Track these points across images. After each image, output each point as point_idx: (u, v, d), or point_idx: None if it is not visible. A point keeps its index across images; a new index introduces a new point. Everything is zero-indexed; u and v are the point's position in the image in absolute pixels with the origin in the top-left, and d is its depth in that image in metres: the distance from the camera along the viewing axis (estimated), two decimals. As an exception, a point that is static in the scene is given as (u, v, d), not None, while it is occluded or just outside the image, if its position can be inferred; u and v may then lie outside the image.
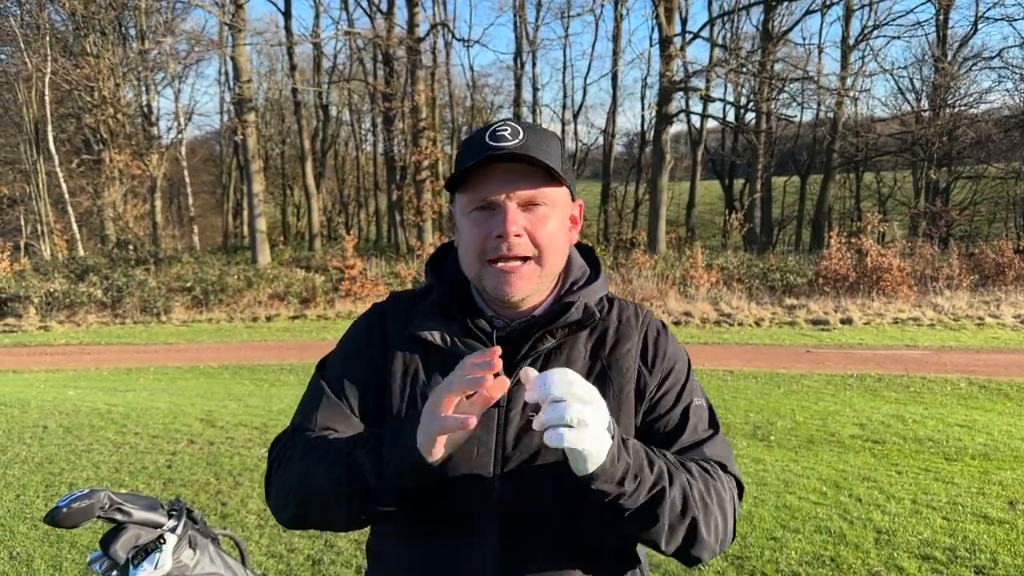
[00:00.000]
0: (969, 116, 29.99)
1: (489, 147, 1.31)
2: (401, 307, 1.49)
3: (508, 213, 1.30)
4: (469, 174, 1.33)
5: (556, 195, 1.37)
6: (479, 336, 1.39)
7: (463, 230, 1.37)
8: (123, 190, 28.66)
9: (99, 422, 7.79)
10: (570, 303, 1.40)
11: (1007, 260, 19.90)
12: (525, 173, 1.32)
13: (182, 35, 30.63)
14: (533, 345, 1.37)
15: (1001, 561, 4.33)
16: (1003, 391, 9.87)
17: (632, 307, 1.51)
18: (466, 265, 1.39)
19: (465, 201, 1.36)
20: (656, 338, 1.47)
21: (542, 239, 1.34)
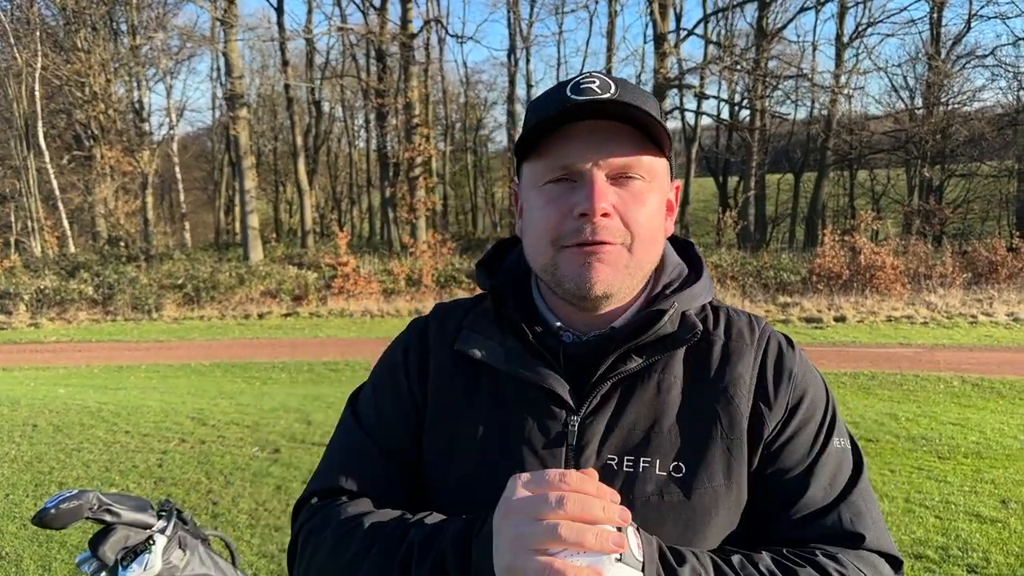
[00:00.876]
0: (962, 114, 30.08)
1: (570, 100, 1.02)
2: (446, 321, 1.20)
3: (595, 185, 1.01)
4: (545, 135, 1.04)
5: (656, 167, 1.07)
6: (543, 355, 1.09)
7: (533, 209, 1.08)
8: (114, 186, 28.53)
9: (89, 420, 7.74)
10: (661, 311, 1.07)
11: (1000, 258, 19.96)
12: (618, 135, 1.02)
13: (174, 30, 30.53)
14: (613, 365, 1.06)
15: (993, 560, 4.33)
16: (996, 389, 9.88)
17: (745, 317, 1.18)
18: (534, 252, 1.09)
19: (537, 171, 1.06)
20: (778, 359, 1.13)
21: (636, 222, 1.03)
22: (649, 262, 1.09)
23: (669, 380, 1.07)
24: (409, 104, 28.78)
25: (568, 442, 1.04)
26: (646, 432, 1.04)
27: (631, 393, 1.06)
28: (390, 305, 20.12)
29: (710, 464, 1.03)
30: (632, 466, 1.03)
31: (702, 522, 1.02)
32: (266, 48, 39.46)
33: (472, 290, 20.93)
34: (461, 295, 20.67)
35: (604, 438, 1.04)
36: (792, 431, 1.08)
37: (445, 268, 22.41)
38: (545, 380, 1.06)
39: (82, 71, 27.56)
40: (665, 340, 1.08)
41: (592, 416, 1.05)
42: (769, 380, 1.10)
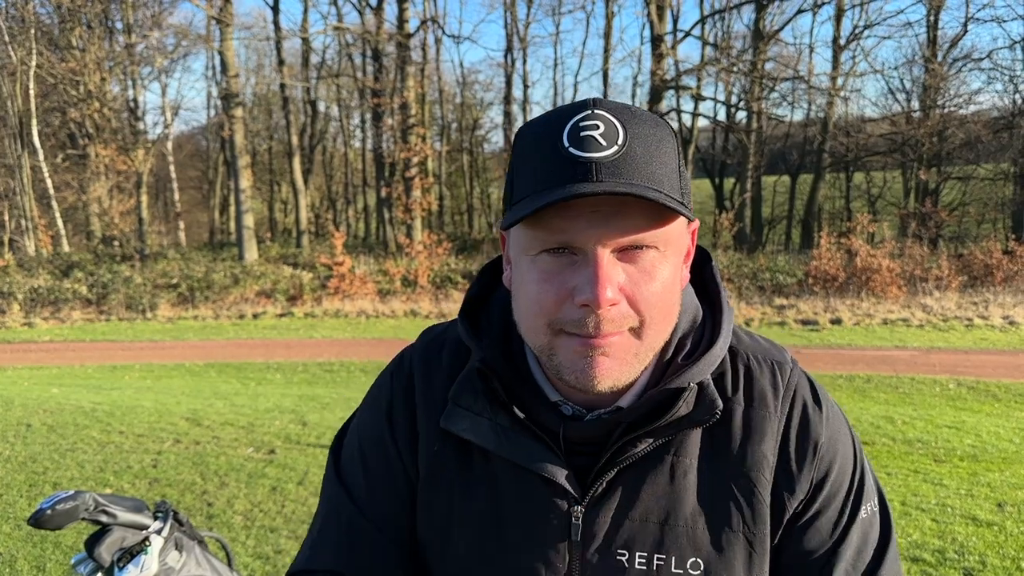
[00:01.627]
0: (959, 117, 30.13)
1: (572, 162, 0.83)
2: (432, 371, 1.06)
3: (600, 269, 0.84)
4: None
5: (670, 233, 0.88)
6: (538, 435, 0.96)
7: (524, 279, 0.90)
8: (109, 185, 28.43)
9: (84, 420, 7.70)
10: (676, 391, 0.93)
11: (996, 261, 20.02)
12: (627, 206, 0.84)
13: (169, 29, 30.44)
14: (620, 449, 0.93)
15: (990, 563, 4.33)
16: (991, 392, 9.90)
17: (768, 370, 1.01)
18: (528, 331, 0.92)
19: (529, 238, 0.88)
20: (803, 427, 0.99)
21: (647, 304, 0.87)
22: (660, 341, 0.93)
23: (684, 464, 0.95)
24: (405, 104, 28.74)
25: (572, 536, 0.94)
26: (659, 525, 0.94)
27: (642, 480, 0.95)
28: (386, 306, 20.09)
29: (730, 561, 0.94)
30: (645, 564, 0.93)
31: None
32: (262, 47, 39.44)
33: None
34: (457, 296, 20.67)
35: (613, 531, 0.94)
36: (816, 510, 0.98)
37: (441, 269, 22.39)
38: (543, 467, 0.94)
39: (77, 69, 27.46)
40: (680, 422, 0.94)
41: (598, 506, 0.94)
42: (792, 455, 0.97)
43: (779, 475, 0.96)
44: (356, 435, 1.10)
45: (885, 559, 0.99)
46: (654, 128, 0.87)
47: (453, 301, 20.29)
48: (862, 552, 0.98)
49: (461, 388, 0.99)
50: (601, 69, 34.78)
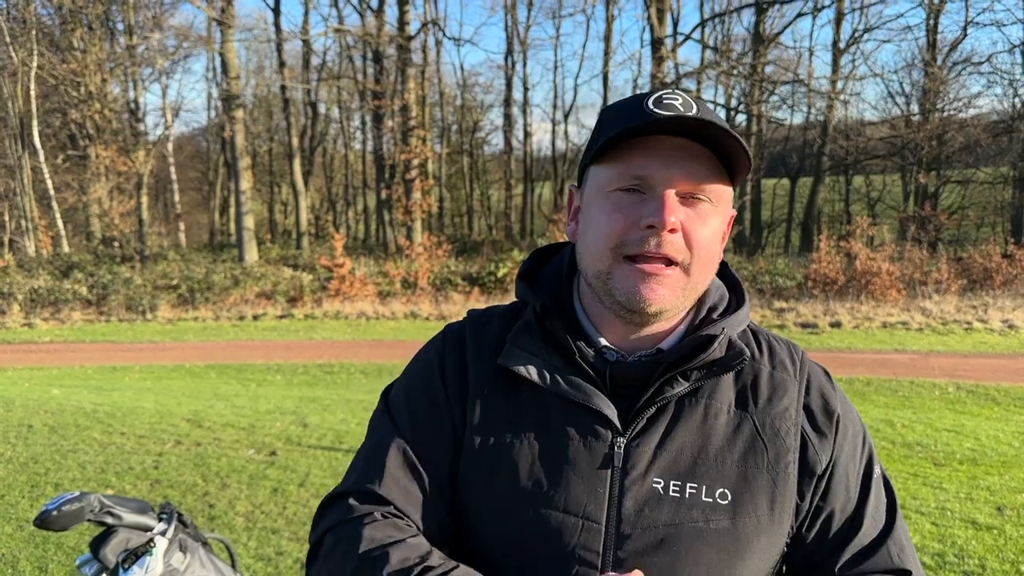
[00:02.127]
0: (958, 120, 30.14)
1: (655, 113, 1.00)
2: (485, 331, 1.17)
3: (667, 199, 1.00)
4: (621, 143, 1.03)
5: (723, 193, 1.06)
6: (588, 373, 1.07)
7: (596, 213, 1.06)
8: (109, 186, 28.45)
9: (85, 421, 7.71)
10: (711, 336, 1.07)
11: (995, 265, 20.04)
12: (696, 155, 1.02)
13: (170, 30, 30.46)
14: (660, 388, 1.05)
15: (989, 567, 4.34)
16: (990, 396, 9.92)
17: (785, 347, 1.18)
18: (591, 258, 1.07)
19: (607, 176, 1.05)
20: (821, 394, 1.14)
21: (698, 243, 1.03)
22: (703, 284, 1.09)
23: (716, 406, 1.07)
24: (406, 106, 28.77)
25: (614, 464, 1.04)
26: (693, 457, 1.05)
27: (678, 417, 1.06)
28: (386, 307, 20.11)
29: (755, 494, 1.04)
30: (679, 491, 1.03)
31: (745, 550, 1.03)
32: (262, 49, 39.46)
33: (468, 294, 20.92)
34: (457, 298, 20.68)
35: (651, 462, 1.04)
36: (843, 468, 1.11)
37: (441, 271, 22.41)
38: (591, 400, 1.05)
39: (78, 70, 27.48)
40: (713, 365, 1.07)
41: (639, 439, 1.05)
42: (815, 416, 1.11)
43: (804, 430, 1.10)
44: (406, 381, 1.19)
45: (897, 518, 1.13)
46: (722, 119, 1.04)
47: (453, 303, 20.30)
48: (879, 509, 1.12)
49: (520, 330, 1.12)
50: (601, 72, 34.87)
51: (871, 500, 1.11)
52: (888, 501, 1.14)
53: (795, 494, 1.07)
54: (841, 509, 1.10)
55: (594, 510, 1.02)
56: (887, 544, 1.10)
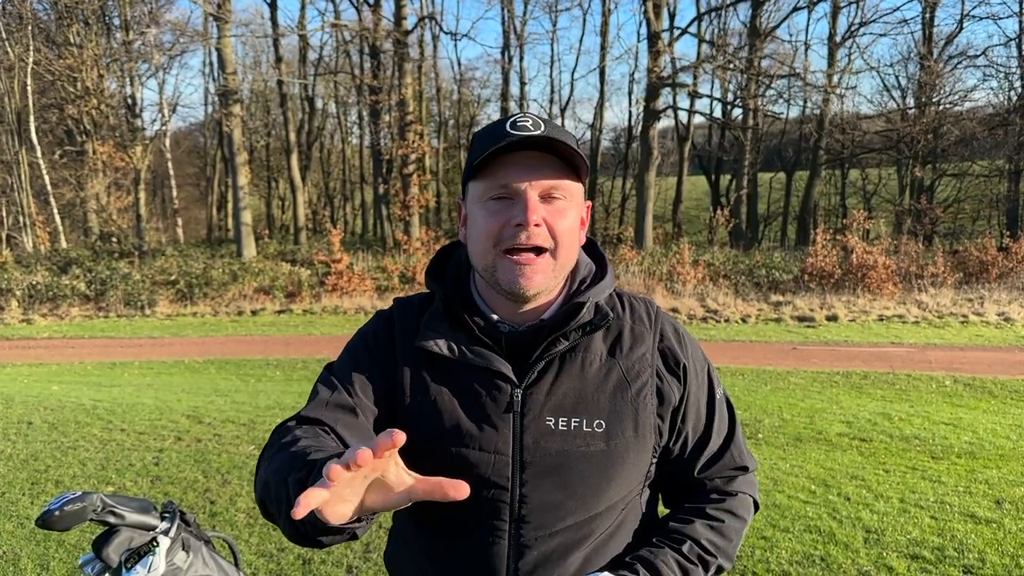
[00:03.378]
0: (954, 114, 30.17)
1: (511, 134, 1.26)
2: (407, 315, 1.44)
3: (529, 200, 1.26)
4: (488, 161, 1.28)
5: (574, 189, 1.33)
6: (486, 343, 1.35)
7: (477, 219, 1.32)
8: (106, 182, 28.39)
9: (84, 418, 7.72)
10: (580, 304, 1.34)
11: (991, 258, 20.05)
12: (547, 163, 1.29)
13: (166, 25, 30.32)
14: (546, 348, 1.32)
15: (989, 560, 4.36)
16: (987, 389, 9.94)
17: (643, 303, 1.47)
18: (477, 256, 1.34)
19: (481, 189, 1.31)
20: (672, 336, 1.43)
21: (560, 232, 1.29)
22: (569, 264, 1.36)
23: (591, 357, 1.36)
24: (403, 101, 28.72)
25: (515, 409, 1.32)
26: (575, 399, 1.33)
27: (561, 369, 1.34)
28: (384, 302, 20.08)
29: (622, 421, 1.33)
30: (566, 425, 1.32)
31: (619, 464, 1.33)
32: (259, 44, 39.41)
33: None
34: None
35: (543, 405, 1.32)
36: (694, 398, 1.42)
37: (439, 265, 22.36)
38: (492, 363, 1.33)
39: (74, 66, 27.41)
40: (585, 326, 1.35)
41: (532, 388, 1.33)
42: (666, 359, 1.40)
43: (662, 367, 1.39)
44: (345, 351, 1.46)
45: (736, 426, 1.49)
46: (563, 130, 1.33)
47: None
48: (722, 423, 1.47)
49: (431, 316, 1.40)
50: (598, 66, 34.84)
51: (716, 419, 1.45)
52: (729, 416, 1.49)
53: (656, 417, 1.36)
54: (694, 429, 1.43)
55: (502, 446, 1.30)
56: (730, 450, 1.47)
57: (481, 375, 1.33)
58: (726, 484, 1.47)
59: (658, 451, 1.40)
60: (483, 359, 1.33)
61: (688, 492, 1.48)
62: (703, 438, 1.44)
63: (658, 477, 1.46)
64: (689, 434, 1.42)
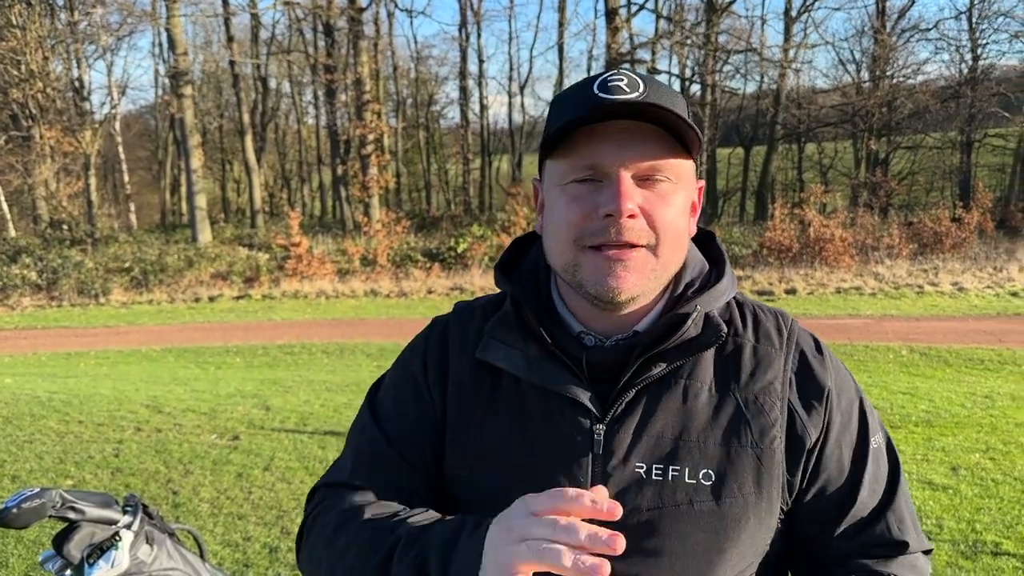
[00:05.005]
0: (907, 87, 30.60)
1: (599, 99, 0.99)
2: (467, 325, 1.18)
3: (622, 185, 0.98)
4: (569, 133, 1.01)
5: (683, 168, 1.04)
6: (563, 360, 1.06)
7: (555, 207, 1.05)
8: (55, 168, 27.68)
9: (40, 411, 7.55)
10: (684, 315, 1.05)
11: (944, 229, 20.47)
12: (647, 136, 1.00)
13: (113, 5, 29.53)
14: (637, 372, 1.04)
15: (947, 526, 4.47)
16: (943, 358, 10.16)
17: (772, 316, 1.15)
18: (555, 252, 1.07)
19: (561, 170, 1.03)
20: (809, 365, 1.11)
21: (662, 223, 1.01)
22: (675, 263, 1.07)
23: (696, 386, 1.06)
24: (359, 80, 28.37)
25: (594, 451, 1.03)
26: (674, 440, 1.03)
27: (657, 400, 1.05)
28: (345, 286, 19.94)
29: (740, 472, 1.03)
30: (661, 474, 1.02)
31: (734, 530, 1.02)
32: (210, 23, 38.53)
33: (428, 270, 20.85)
34: (417, 274, 20.60)
35: (632, 446, 1.03)
36: (834, 440, 1.08)
37: (400, 247, 22.26)
38: (568, 389, 1.04)
39: (18, 48, 26.60)
40: (690, 344, 1.05)
41: (618, 424, 1.04)
42: (803, 388, 1.08)
43: (791, 403, 1.07)
44: (391, 380, 1.22)
45: (899, 488, 1.12)
46: (670, 89, 1.04)
47: (413, 279, 20.20)
48: (877, 480, 1.11)
49: (497, 323, 1.12)
50: (556, 43, 34.71)
51: (868, 472, 1.09)
52: (890, 471, 1.13)
53: (784, 470, 1.05)
54: (834, 482, 1.08)
55: None
56: (886, 516, 1.09)
57: (554, 403, 1.06)
58: (879, 564, 1.08)
59: (785, 511, 1.08)
60: (557, 383, 1.06)
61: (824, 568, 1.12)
62: (846, 497, 1.09)
63: (784, 551, 1.13)
64: (828, 488, 1.08)
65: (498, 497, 1.01)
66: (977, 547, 4.19)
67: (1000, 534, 4.34)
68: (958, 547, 4.19)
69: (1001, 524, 4.48)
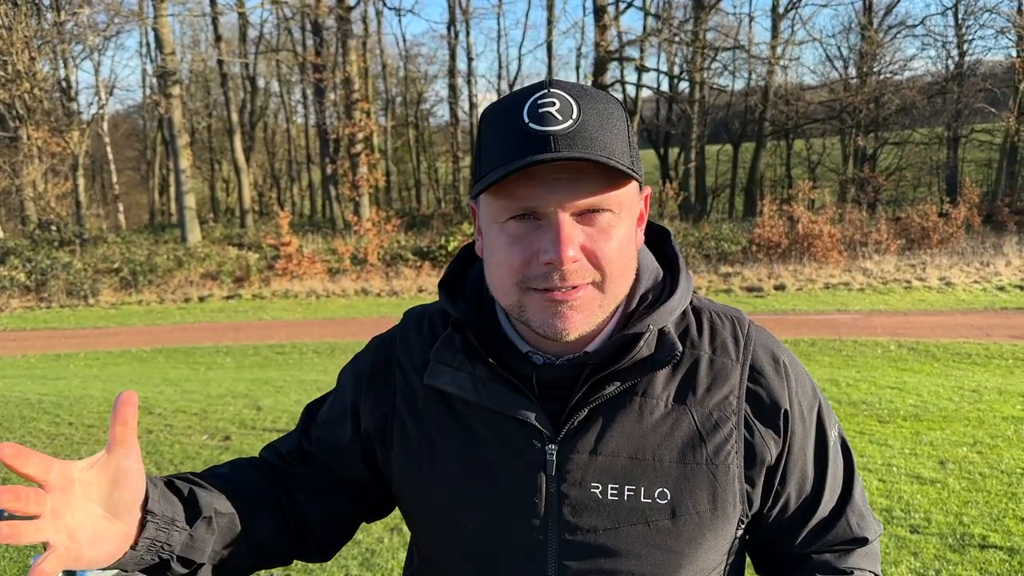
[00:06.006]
0: (894, 83, 30.75)
1: (532, 136, 0.91)
2: (416, 339, 1.16)
3: (562, 232, 0.92)
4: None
5: (624, 196, 0.97)
6: (513, 381, 1.03)
7: (495, 246, 0.99)
8: (43, 168, 27.53)
9: (30, 413, 7.53)
10: (637, 335, 1.01)
11: (932, 224, 20.60)
12: (584, 173, 0.93)
13: (100, 5, 29.38)
14: (589, 391, 1.01)
15: (935, 520, 4.51)
16: (930, 352, 10.24)
17: (729, 323, 1.11)
18: (499, 292, 1.02)
19: (497, 208, 0.97)
20: (769, 369, 1.08)
21: (606, 259, 0.96)
22: (622, 292, 1.02)
23: (651, 403, 1.03)
24: (348, 79, 28.30)
25: (547, 472, 1.02)
26: (630, 459, 1.01)
27: (611, 419, 1.02)
28: (335, 285, 19.92)
29: (695, 491, 1.01)
30: (617, 494, 1.01)
31: (690, 547, 1.02)
32: (197, 23, 38.36)
33: (419, 269, 20.84)
34: (407, 273, 20.58)
35: (585, 466, 1.01)
36: (797, 452, 1.08)
37: (390, 246, 22.24)
38: (517, 412, 1.02)
39: (4, 48, 26.43)
40: (643, 363, 1.02)
41: (571, 443, 1.02)
42: (760, 402, 1.06)
43: (751, 423, 1.05)
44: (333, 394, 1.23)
45: (855, 482, 1.14)
46: (605, 104, 0.96)
47: (404, 278, 20.19)
48: (836, 477, 1.12)
49: (442, 346, 1.08)
50: (545, 41, 34.67)
51: (828, 475, 1.11)
52: (845, 469, 1.14)
53: (741, 484, 1.04)
54: (798, 491, 1.09)
55: (533, 519, 1.02)
56: (846, 514, 1.12)
57: (505, 425, 1.04)
58: (838, 560, 1.12)
59: (745, 523, 1.08)
60: (507, 403, 1.03)
61: (786, 568, 1.15)
62: (810, 501, 1.11)
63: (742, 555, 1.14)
64: (791, 497, 1.09)
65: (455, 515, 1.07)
66: (965, 540, 4.24)
67: (987, 527, 4.39)
68: (946, 540, 4.24)
69: (988, 517, 4.52)
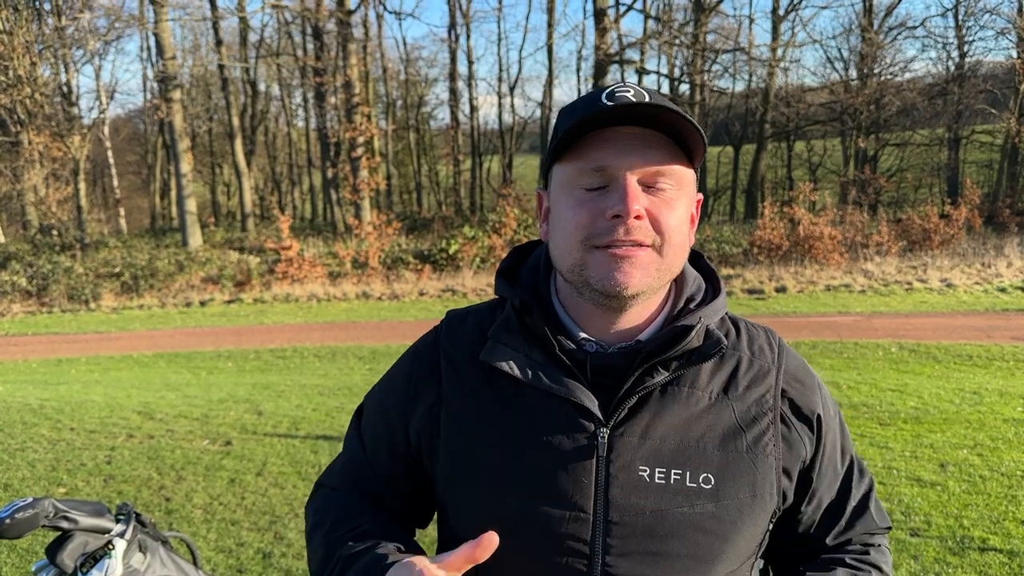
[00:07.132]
0: (895, 84, 30.71)
1: (606, 104, 1.01)
2: (461, 331, 1.21)
3: (629, 187, 1.01)
4: (578, 139, 1.05)
5: (685, 177, 1.08)
6: (567, 365, 1.09)
7: (562, 209, 1.07)
8: (44, 173, 27.56)
9: (32, 418, 7.54)
10: (688, 327, 1.08)
11: (933, 225, 20.57)
12: (652, 142, 1.04)
13: (100, 10, 29.42)
14: (640, 378, 1.07)
15: (935, 523, 4.51)
16: (932, 354, 10.23)
17: (762, 333, 1.21)
18: (562, 253, 1.08)
19: (569, 173, 1.06)
20: (802, 375, 1.18)
21: (666, 226, 1.04)
22: (677, 266, 1.10)
23: (697, 394, 1.10)
24: (348, 82, 28.31)
25: (599, 454, 1.06)
26: (676, 444, 1.07)
27: (660, 406, 1.08)
28: (337, 288, 19.92)
29: (737, 478, 1.07)
30: (664, 478, 1.06)
31: (729, 531, 1.07)
32: (198, 27, 38.44)
33: (420, 272, 20.83)
34: (408, 276, 20.57)
35: (634, 450, 1.06)
36: (829, 452, 1.17)
37: (391, 249, 22.23)
38: (573, 393, 1.07)
39: (5, 53, 26.48)
40: (691, 354, 1.09)
41: (621, 428, 1.06)
42: (794, 404, 1.14)
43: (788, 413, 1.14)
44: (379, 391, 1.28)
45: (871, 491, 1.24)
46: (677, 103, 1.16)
47: (405, 282, 20.18)
48: (861, 479, 1.23)
49: (500, 327, 1.14)
50: (545, 44, 34.71)
51: (854, 476, 1.21)
52: (861, 467, 1.24)
53: (779, 475, 1.11)
54: (829, 492, 1.19)
55: (581, 500, 1.05)
56: (870, 509, 1.22)
57: (558, 407, 1.08)
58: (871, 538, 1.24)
59: (777, 516, 1.15)
60: (562, 387, 1.07)
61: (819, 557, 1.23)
62: (839, 502, 1.20)
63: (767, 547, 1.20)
64: (823, 499, 1.19)
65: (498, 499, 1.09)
66: (965, 543, 4.24)
67: (987, 530, 4.39)
68: (946, 543, 4.24)
69: (988, 520, 4.52)
